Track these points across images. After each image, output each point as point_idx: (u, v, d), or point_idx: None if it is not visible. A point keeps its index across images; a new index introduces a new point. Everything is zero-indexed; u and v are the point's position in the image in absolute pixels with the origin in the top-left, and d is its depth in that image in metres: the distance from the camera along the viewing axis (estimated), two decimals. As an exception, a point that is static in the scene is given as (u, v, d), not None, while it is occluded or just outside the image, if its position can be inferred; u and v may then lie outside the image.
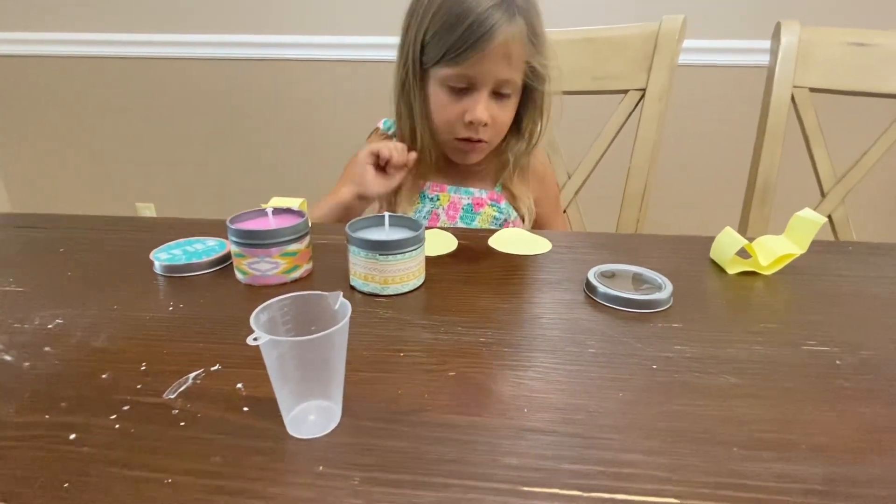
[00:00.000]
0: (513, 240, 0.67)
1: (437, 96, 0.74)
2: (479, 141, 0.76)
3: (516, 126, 0.80)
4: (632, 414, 0.37)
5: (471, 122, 0.73)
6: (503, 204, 0.84)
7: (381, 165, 0.75)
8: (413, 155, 0.75)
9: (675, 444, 0.34)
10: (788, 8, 1.44)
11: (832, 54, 0.89)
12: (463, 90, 0.73)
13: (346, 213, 0.77)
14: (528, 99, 0.78)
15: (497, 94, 0.73)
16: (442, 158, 0.82)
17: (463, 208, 0.83)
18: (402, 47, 0.75)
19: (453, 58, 0.69)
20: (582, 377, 0.41)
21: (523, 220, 0.84)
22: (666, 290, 0.52)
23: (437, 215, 0.83)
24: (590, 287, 0.53)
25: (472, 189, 0.83)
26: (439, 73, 0.72)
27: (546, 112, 0.78)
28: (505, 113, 0.75)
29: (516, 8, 0.69)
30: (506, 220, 0.84)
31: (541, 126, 0.80)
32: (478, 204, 0.83)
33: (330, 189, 0.81)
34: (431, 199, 0.83)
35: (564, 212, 0.98)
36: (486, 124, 0.73)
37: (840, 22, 1.07)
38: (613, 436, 0.35)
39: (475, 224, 0.82)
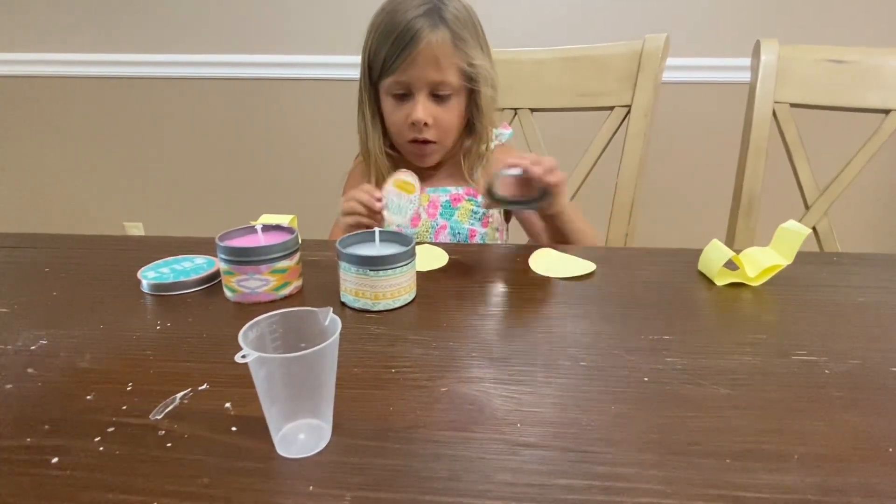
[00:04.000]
0: (553, 262, 0.65)
1: (386, 105, 0.81)
2: (427, 142, 0.81)
3: (470, 128, 0.86)
4: (624, 427, 0.36)
5: (413, 124, 0.79)
6: (479, 198, 0.88)
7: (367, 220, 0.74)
8: (378, 201, 0.71)
9: (668, 456, 0.34)
10: (767, 26, 1.48)
11: (810, 71, 0.92)
12: (404, 96, 0.79)
13: None
14: (473, 103, 0.84)
15: (437, 97, 0.79)
16: (413, 165, 0.87)
17: (441, 205, 0.87)
18: (360, 68, 0.83)
19: (389, 67, 0.77)
20: (574, 391, 0.41)
21: (500, 213, 0.89)
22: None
23: (419, 214, 0.87)
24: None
25: (448, 188, 0.88)
26: (384, 85, 0.80)
27: (487, 113, 0.84)
28: (447, 114, 0.81)
29: (439, 18, 0.76)
30: (484, 214, 0.88)
31: (488, 127, 0.85)
32: (455, 200, 0.87)
33: (322, 205, 0.81)
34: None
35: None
36: (426, 124, 0.79)
37: (817, 40, 1.10)
38: (606, 449, 0.34)
39: (455, 218, 0.86)
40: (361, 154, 0.88)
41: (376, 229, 0.57)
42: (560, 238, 0.78)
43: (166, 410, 0.38)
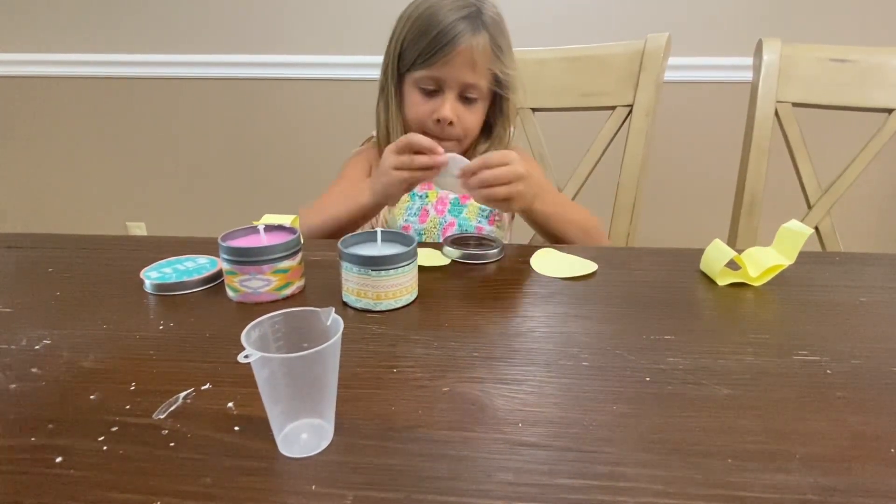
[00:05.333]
0: (555, 262, 0.65)
1: (411, 97, 0.82)
2: (447, 140, 0.81)
3: (488, 131, 0.87)
4: (626, 427, 0.37)
5: (438, 120, 0.79)
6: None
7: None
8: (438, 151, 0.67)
9: (669, 456, 0.34)
10: (769, 25, 1.48)
11: (813, 70, 0.92)
12: (433, 92, 0.80)
13: (364, 218, 0.77)
14: (496, 107, 0.85)
15: (464, 98, 0.80)
16: None
17: (451, 202, 0.87)
18: (384, 57, 0.83)
19: (424, 62, 0.77)
20: (576, 390, 0.41)
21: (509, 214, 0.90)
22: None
23: (427, 211, 0.87)
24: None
25: None
26: (413, 76, 0.80)
27: (511, 119, 0.86)
28: (472, 115, 0.82)
29: (481, 22, 0.77)
30: (491, 212, 0.88)
31: (508, 131, 0.87)
32: (464, 197, 0.87)
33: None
34: (421, 197, 0.88)
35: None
36: (451, 123, 0.79)
37: (819, 39, 1.10)
38: (608, 449, 0.34)
39: (463, 216, 0.86)
40: (381, 146, 0.86)
41: (378, 229, 0.57)
42: (557, 238, 0.77)
43: (169, 410, 0.38)
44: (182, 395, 0.40)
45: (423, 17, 0.77)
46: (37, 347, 0.46)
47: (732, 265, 0.61)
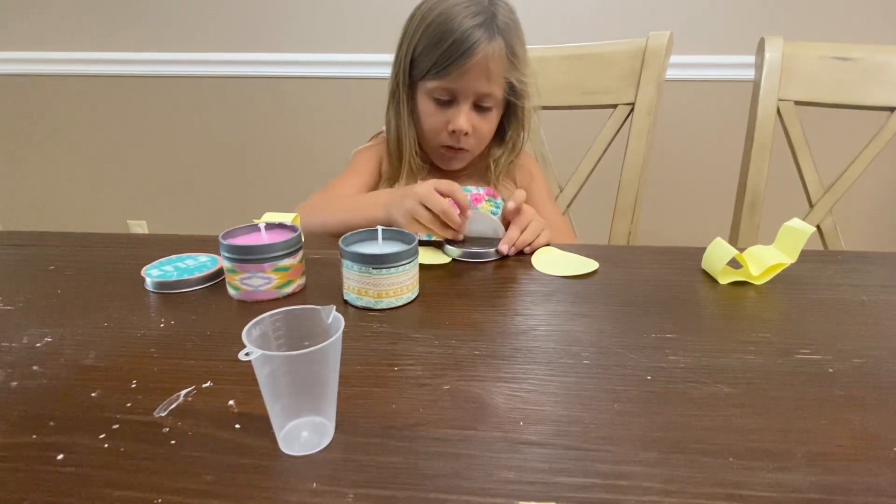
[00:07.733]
0: (556, 260, 0.65)
1: (425, 106, 0.80)
2: (461, 149, 0.81)
3: (500, 136, 0.87)
4: (627, 425, 0.36)
5: (454, 131, 0.78)
6: (499, 199, 0.88)
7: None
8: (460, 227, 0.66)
9: (671, 454, 0.34)
10: (771, 23, 1.47)
11: (815, 68, 0.91)
12: (447, 102, 0.79)
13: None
14: (511, 113, 0.84)
15: (479, 107, 0.79)
16: (437, 166, 0.87)
17: None
18: (395, 61, 0.81)
19: (438, 72, 0.75)
20: (577, 389, 0.41)
21: None
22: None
23: None
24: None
25: (469, 187, 0.88)
26: (426, 86, 0.78)
27: (526, 125, 0.85)
28: (486, 124, 0.81)
29: (496, 28, 0.75)
30: None
31: (522, 137, 0.86)
32: (476, 199, 0.87)
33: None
34: None
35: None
36: (466, 133, 0.79)
37: (821, 37, 1.10)
38: (609, 447, 0.34)
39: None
40: (391, 152, 0.86)
41: (379, 227, 0.57)
42: None
43: (170, 408, 0.38)
44: (183, 392, 0.40)
45: (436, 24, 0.74)
46: (38, 345, 0.46)
47: (734, 264, 0.60)
